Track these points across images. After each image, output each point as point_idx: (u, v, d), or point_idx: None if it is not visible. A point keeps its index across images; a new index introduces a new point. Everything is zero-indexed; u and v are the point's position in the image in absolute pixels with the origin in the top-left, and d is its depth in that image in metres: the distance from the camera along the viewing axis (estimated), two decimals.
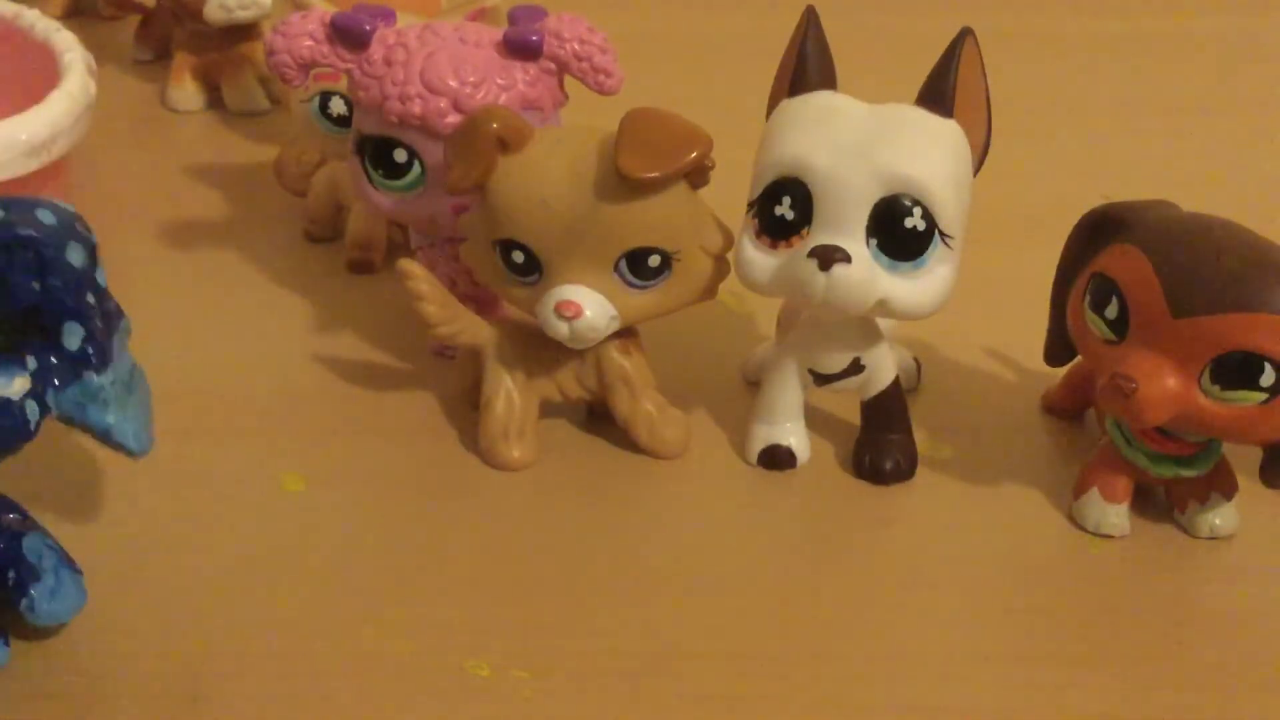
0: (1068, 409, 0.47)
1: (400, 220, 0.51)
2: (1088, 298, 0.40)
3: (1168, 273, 0.38)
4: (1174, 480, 0.42)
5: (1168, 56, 0.76)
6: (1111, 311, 0.39)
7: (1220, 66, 0.75)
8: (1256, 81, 0.73)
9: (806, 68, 0.41)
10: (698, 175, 0.41)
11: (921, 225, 0.39)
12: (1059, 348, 0.44)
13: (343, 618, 0.38)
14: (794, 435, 0.44)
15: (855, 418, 0.45)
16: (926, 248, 0.39)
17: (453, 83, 0.44)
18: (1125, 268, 0.39)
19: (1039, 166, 0.62)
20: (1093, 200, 0.42)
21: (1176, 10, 0.80)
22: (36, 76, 0.53)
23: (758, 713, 0.36)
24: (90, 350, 0.33)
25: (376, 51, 0.44)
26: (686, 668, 0.37)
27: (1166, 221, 0.39)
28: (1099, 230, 0.41)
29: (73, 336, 0.32)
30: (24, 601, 0.35)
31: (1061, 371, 0.46)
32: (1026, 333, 0.46)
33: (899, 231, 0.39)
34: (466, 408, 0.46)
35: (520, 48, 0.45)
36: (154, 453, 0.36)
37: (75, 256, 0.32)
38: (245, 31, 0.65)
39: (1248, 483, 0.42)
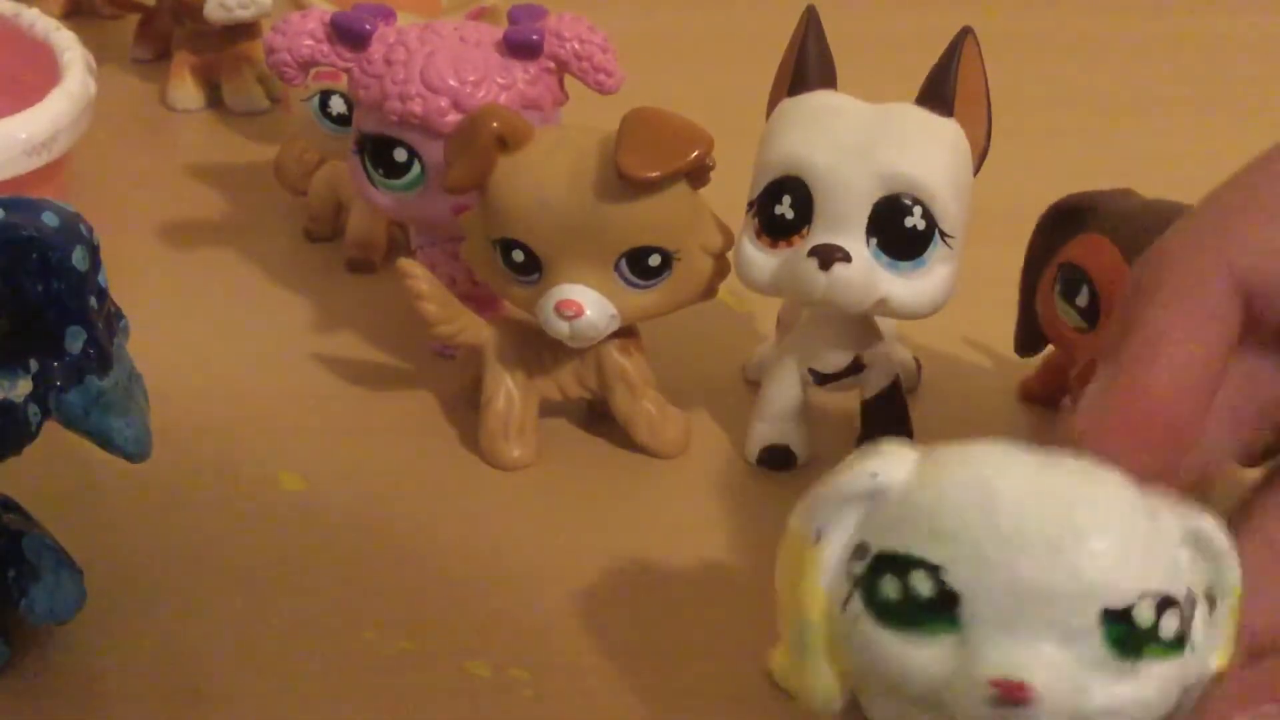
0: (1044, 396, 0.47)
1: (400, 220, 0.51)
2: (1058, 287, 0.41)
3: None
4: None
5: (1169, 56, 0.76)
6: (1083, 300, 0.40)
7: (1221, 66, 0.75)
8: (1255, 81, 0.73)
9: (806, 67, 0.41)
10: (698, 175, 0.41)
11: (922, 225, 0.39)
12: (1029, 338, 0.45)
13: (343, 617, 0.38)
14: (794, 435, 0.44)
15: (855, 418, 0.45)
16: (927, 247, 0.39)
17: (453, 82, 0.44)
18: (1094, 257, 0.40)
19: (1039, 166, 0.62)
20: None
21: (1176, 10, 0.80)
22: (36, 76, 0.53)
23: (759, 711, 0.36)
24: (93, 354, 0.33)
25: (376, 51, 0.44)
26: (686, 667, 0.37)
27: (1132, 209, 0.40)
28: (1064, 221, 0.42)
29: (75, 340, 0.32)
30: (24, 601, 0.35)
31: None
32: None
33: (899, 231, 0.39)
34: (466, 408, 0.46)
35: (520, 47, 0.45)
36: (154, 452, 0.36)
37: (79, 259, 0.32)
38: (245, 30, 0.65)
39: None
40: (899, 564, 0.25)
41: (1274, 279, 0.28)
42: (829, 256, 0.39)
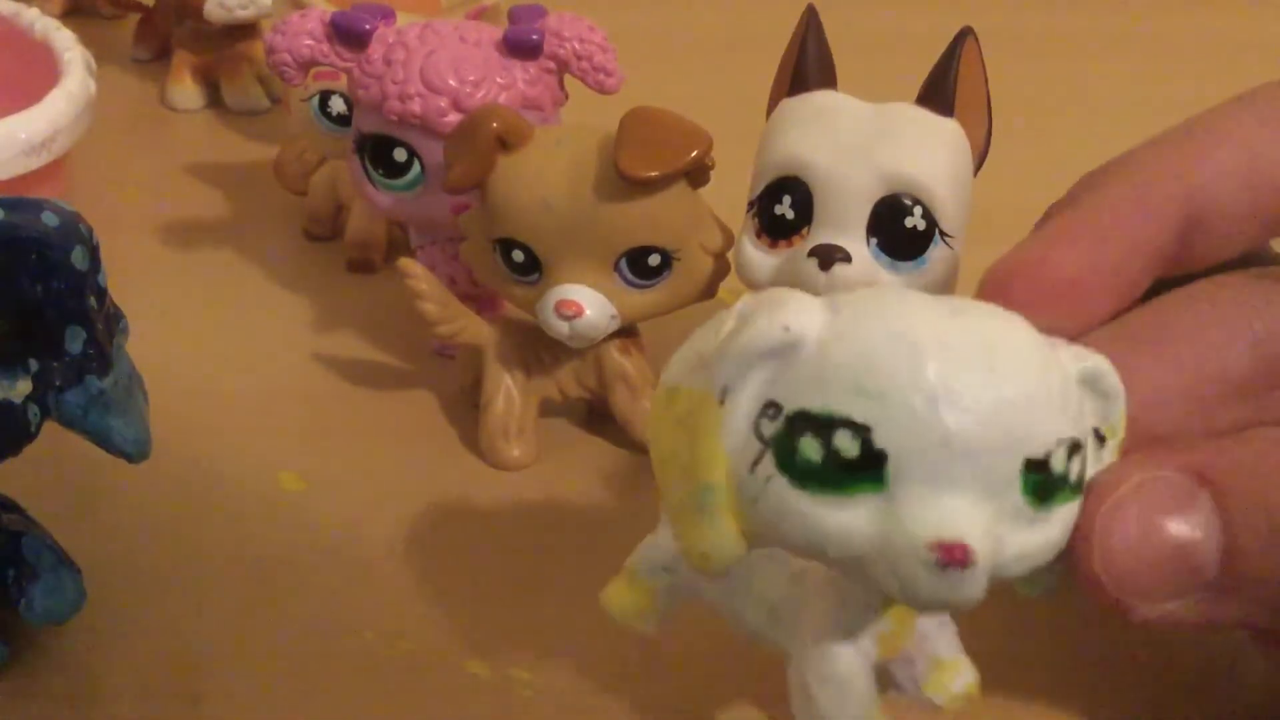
0: None
1: (400, 219, 0.51)
2: None
3: None
4: None
5: (1169, 56, 0.76)
6: None
7: (1221, 66, 0.75)
8: (1255, 81, 0.73)
9: (807, 67, 0.41)
10: (698, 174, 0.41)
11: (922, 225, 0.39)
12: None
13: (342, 617, 0.38)
14: None
15: None
16: (927, 247, 0.39)
17: (452, 81, 0.44)
18: None
19: (1040, 166, 0.61)
20: None
21: (1176, 10, 0.80)
22: (36, 75, 0.53)
23: (759, 708, 0.36)
24: (92, 353, 0.33)
25: (376, 51, 0.44)
26: (688, 666, 0.37)
27: None
28: None
29: (75, 340, 0.32)
30: (23, 601, 0.35)
31: None
32: None
33: (899, 231, 0.39)
34: (466, 408, 0.46)
35: (520, 46, 0.45)
36: (153, 452, 0.36)
37: (78, 259, 0.32)
38: (245, 30, 0.65)
39: None
40: (820, 424, 0.24)
41: (1222, 199, 0.29)
42: (829, 256, 0.39)
